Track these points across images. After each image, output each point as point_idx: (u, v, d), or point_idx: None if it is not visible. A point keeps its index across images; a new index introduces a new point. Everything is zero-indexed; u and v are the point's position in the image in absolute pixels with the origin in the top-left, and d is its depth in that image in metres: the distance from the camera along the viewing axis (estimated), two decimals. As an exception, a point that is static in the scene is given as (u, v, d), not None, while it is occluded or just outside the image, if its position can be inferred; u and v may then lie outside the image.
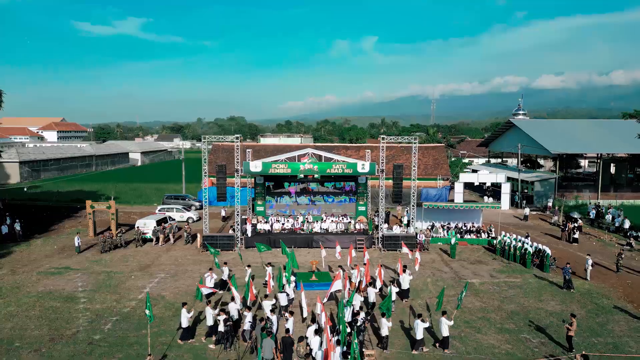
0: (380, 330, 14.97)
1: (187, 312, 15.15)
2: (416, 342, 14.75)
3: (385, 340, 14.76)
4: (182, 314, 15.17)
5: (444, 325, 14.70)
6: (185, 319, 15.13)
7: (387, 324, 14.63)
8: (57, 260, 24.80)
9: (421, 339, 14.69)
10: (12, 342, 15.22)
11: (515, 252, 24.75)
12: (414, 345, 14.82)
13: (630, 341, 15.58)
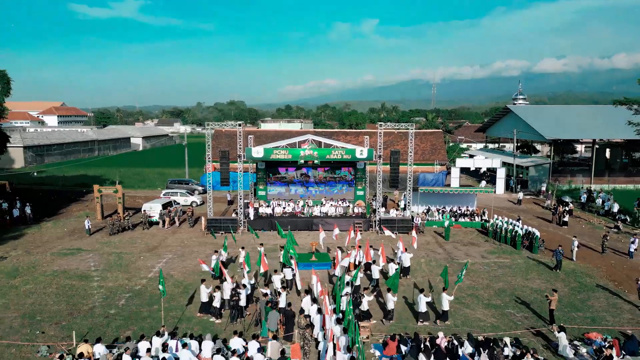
0: (386, 304, 16.23)
1: (205, 287, 16.40)
2: (419, 315, 15.98)
3: (391, 313, 16.00)
4: (202, 289, 16.39)
5: (444, 300, 15.89)
6: (205, 294, 16.34)
7: (393, 298, 15.86)
8: (68, 242, 25.96)
9: (424, 312, 15.91)
10: (33, 316, 16.42)
11: (506, 235, 25.88)
12: (418, 318, 16.05)
13: (607, 316, 16.78)
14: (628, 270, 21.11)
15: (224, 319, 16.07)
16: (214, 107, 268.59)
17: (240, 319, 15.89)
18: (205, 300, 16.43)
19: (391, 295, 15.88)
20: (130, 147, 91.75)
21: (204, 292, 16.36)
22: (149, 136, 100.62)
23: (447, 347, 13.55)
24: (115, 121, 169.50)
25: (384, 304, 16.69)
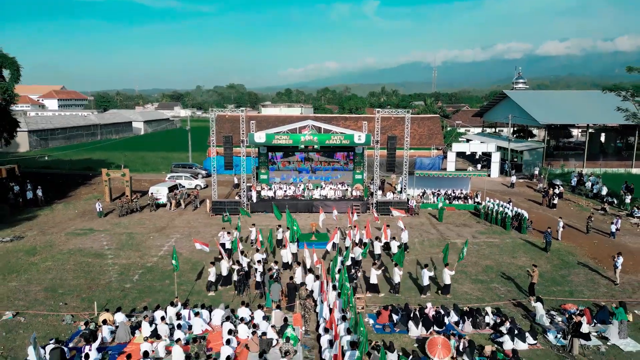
0: (392, 278, 17.68)
1: (225, 262, 17.89)
2: (423, 288, 17.41)
3: (397, 285, 17.44)
4: (222, 264, 17.86)
5: (446, 274, 17.27)
6: (225, 268, 17.71)
7: (399, 272, 17.32)
8: (80, 222, 27.29)
9: (427, 285, 17.32)
10: (55, 290, 17.82)
11: (496, 216, 27.19)
12: (421, 291, 17.47)
13: (585, 290, 18.18)
14: (609, 249, 22.41)
15: (220, 292, 17.51)
16: (213, 90, 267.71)
17: (247, 290, 17.28)
18: (226, 273, 17.79)
19: (397, 269, 17.36)
20: (132, 131, 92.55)
21: (223, 266, 17.75)
22: (151, 120, 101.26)
23: (435, 316, 14.94)
24: (115, 105, 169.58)
25: (390, 277, 18.13)
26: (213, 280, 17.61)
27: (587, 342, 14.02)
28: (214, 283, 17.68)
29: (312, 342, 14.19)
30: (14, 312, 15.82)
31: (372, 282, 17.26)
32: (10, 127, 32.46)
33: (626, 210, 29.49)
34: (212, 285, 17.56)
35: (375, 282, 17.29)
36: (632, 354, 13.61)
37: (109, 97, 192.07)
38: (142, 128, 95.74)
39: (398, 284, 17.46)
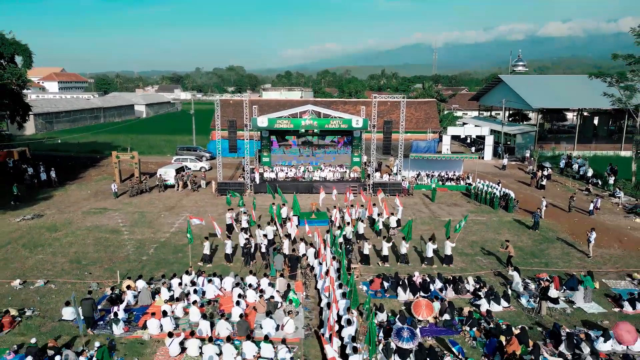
0: (400, 250, 19.56)
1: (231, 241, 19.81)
2: (426, 259, 19.32)
3: (403, 256, 19.30)
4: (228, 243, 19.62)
5: (447, 246, 19.19)
6: (229, 246, 19.54)
7: (406, 245, 19.28)
8: (94, 202, 29.03)
9: (430, 257, 19.23)
10: (79, 261, 19.65)
11: (485, 196, 28.90)
12: (423, 261, 19.46)
13: (559, 262, 20.00)
14: (587, 226, 24.12)
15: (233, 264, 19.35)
16: (213, 72, 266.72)
17: (253, 261, 19.12)
18: (229, 251, 19.58)
19: (405, 242, 19.28)
20: (134, 114, 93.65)
21: (228, 245, 19.52)
22: (152, 103, 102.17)
23: (421, 283, 16.77)
24: (115, 88, 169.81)
25: (398, 250, 20.07)
26: (208, 253, 19.37)
27: (554, 305, 15.88)
28: (209, 256, 19.43)
29: (312, 304, 16.03)
30: (45, 280, 17.66)
31: (383, 254, 19.29)
32: (24, 111, 33.83)
33: (609, 191, 31.18)
34: (206, 258, 19.33)
35: (386, 253, 19.27)
36: (594, 315, 15.45)
37: (109, 79, 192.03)
38: (144, 111, 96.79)
39: (406, 255, 19.41)
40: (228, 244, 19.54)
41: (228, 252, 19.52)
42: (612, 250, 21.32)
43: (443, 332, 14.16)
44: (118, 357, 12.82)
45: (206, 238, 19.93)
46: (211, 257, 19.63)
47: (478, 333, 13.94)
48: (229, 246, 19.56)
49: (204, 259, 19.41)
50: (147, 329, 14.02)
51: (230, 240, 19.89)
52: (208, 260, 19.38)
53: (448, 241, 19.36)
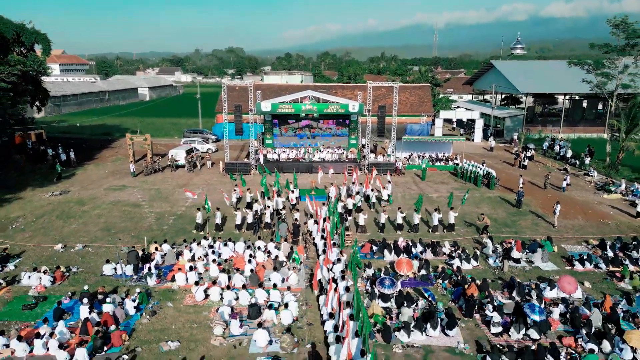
0: (412, 220, 22.59)
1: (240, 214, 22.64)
2: (432, 227, 22.23)
3: (415, 226, 22.31)
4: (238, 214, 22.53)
5: (451, 216, 22.16)
6: (239, 217, 22.40)
7: (417, 216, 22.37)
8: (113, 180, 31.81)
9: (436, 225, 22.16)
10: (109, 230, 22.55)
11: (470, 175, 31.67)
12: (429, 229, 22.44)
13: (527, 230, 22.89)
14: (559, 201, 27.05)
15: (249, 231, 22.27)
16: (212, 54, 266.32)
17: (260, 230, 22.02)
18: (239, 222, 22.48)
19: (416, 213, 22.33)
20: (137, 97, 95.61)
21: (238, 217, 22.38)
22: (155, 87, 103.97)
23: (404, 246, 19.67)
24: (116, 70, 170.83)
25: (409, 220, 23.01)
26: (200, 222, 22.22)
27: (516, 264, 18.82)
28: (202, 225, 22.26)
29: (311, 264, 18.96)
30: (83, 244, 20.58)
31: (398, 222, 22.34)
32: (43, 96, 36.28)
33: (584, 170, 33.93)
34: (199, 226, 22.18)
35: (400, 221, 22.27)
36: (548, 272, 18.38)
37: (109, 62, 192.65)
38: (147, 94, 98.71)
39: (417, 225, 22.40)
40: (238, 215, 22.40)
41: (237, 223, 22.38)
42: (576, 221, 24.21)
43: (420, 284, 17.11)
44: (154, 301, 15.78)
45: (198, 209, 22.75)
46: (204, 226, 22.40)
47: (449, 285, 16.89)
48: (238, 217, 22.42)
49: (196, 227, 22.19)
50: (175, 281, 16.97)
51: (239, 212, 22.73)
52: (200, 229, 22.17)
53: (452, 211, 22.51)
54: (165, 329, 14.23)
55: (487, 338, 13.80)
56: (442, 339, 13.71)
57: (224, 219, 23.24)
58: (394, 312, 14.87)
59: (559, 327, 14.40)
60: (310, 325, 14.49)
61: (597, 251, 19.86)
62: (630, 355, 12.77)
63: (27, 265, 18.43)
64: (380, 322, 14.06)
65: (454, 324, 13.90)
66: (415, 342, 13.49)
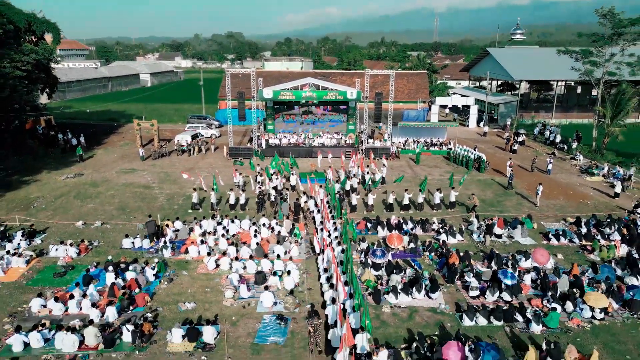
0: (416, 199, 24.45)
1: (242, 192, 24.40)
2: (434, 205, 24.18)
3: (419, 204, 24.15)
4: (231, 195, 24.18)
5: (452, 195, 24.19)
6: (243, 197, 24.15)
7: (422, 195, 24.21)
8: (122, 164, 33.49)
9: (438, 203, 24.01)
10: (124, 209, 24.34)
11: (462, 159, 33.34)
12: (433, 207, 24.29)
13: (512, 209, 24.67)
14: (542, 183, 28.76)
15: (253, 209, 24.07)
16: (212, 39, 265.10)
17: (263, 209, 23.81)
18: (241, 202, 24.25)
19: (420, 193, 24.14)
20: (139, 83, 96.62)
21: (242, 197, 24.15)
22: (156, 72, 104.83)
23: (396, 223, 21.46)
24: (116, 55, 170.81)
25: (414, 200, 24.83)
26: (196, 202, 24.02)
27: (497, 239, 20.65)
28: (197, 204, 24.04)
29: (311, 238, 20.77)
30: (101, 222, 22.39)
31: (404, 203, 24.14)
32: (53, 83, 37.71)
33: (571, 155, 35.59)
34: (195, 205, 23.96)
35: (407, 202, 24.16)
36: (526, 245, 20.16)
37: (109, 47, 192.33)
38: (149, 80, 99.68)
39: (422, 204, 24.29)
40: (231, 195, 24.12)
41: (231, 202, 24.10)
42: (558, 202, 25.98)
43: (409, 256, 18.96)
44: (170, 270, 17.65)
45: (194, 190, 24.70)
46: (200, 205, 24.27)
47: (435, 256, 18.74)
48: (232, 197, 24.19)
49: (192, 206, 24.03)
50: (188, 253, 18.82)
51: (232, 192, 24.46)
52: (197, 208, 24.01)
53: (452, 191, 24.40)
54: (182, 293, 16.11)
55: (465, 300, 15.68)
56: (425, 301, 15.59)
57: (237, 200, 24.84)
58: (384, 278, 16.72)
59: (530, 291, 16.27)
60: (310, 289, 16.38)
61: (572, 227, 21.64)
62: (589, 313, 14.66)
63: (52, 240, 20.25)
64: (371, 286, 15.92)
65: (436, 288, 15.77)
66: (402, 304, 15.37)
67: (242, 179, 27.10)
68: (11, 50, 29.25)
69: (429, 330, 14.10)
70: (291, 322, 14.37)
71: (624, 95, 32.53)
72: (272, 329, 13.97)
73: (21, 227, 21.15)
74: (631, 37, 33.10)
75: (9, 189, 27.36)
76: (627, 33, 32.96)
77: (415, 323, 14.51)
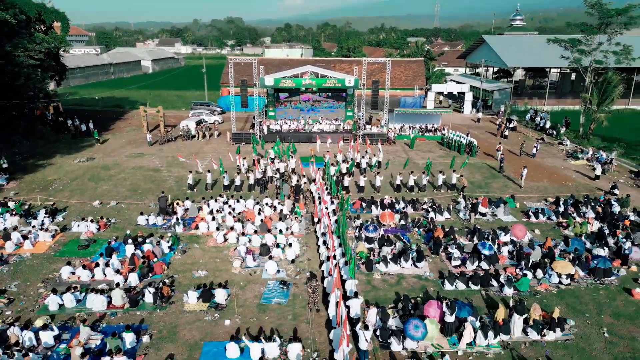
0: (420, 182, 26.09)
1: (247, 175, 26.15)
2: (436, 187, 25.92)
3: (423, 186, 25.83)
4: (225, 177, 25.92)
5: (453, 177, 25.84)
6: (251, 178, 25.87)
7: (426, 177, 26.09)
8: (131, 149, 35.15)
9: (440, 185, 25.75)
10: (136, 190, 26.11)
11: (454, 144, 34.98)
12: (435, 188, 26.01)
13: (498, 191, 26.41)
14: (529, 166, 30.45)
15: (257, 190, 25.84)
16: (211, 25, 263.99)
17: (266, 190, 25.59)
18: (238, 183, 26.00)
19: (424, 175, 25.98)
20: (141, 69, 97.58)
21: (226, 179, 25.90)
22: (157, 59, 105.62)
23: (389, 203, 23.24)
24: (116, 41, 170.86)
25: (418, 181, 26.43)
26: (192, 183, 25.77)
27: (482, 217, 22.46)
28: (193, 185, 25.81)
29: (309, 216, 22.58)
30: (116, 201, 24.18)
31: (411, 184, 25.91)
32: (62, 71, 39.13)
33: (559, 140, 37.22)
34: (190, 187, 25.70)
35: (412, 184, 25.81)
36: (508, 223, 21.96)
37: (109, 32, 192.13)
38: (150, 66, 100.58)
39: (425, 185, 26.01)
40: (226, 177, 25.84)
41: (225, 184, 25.82)
42: (541, 184, 27.74)
43: (399, 231, 20.78)
44: (183, 243, 19.50)
45: (190, 172, 26.37)
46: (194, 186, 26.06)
47: (423, 232, 20.56)
48: (226, 179, 25.92)
49: (188, 187, 25.80)
50: (198, 229, 20.64)
51: (227, 174, 26.11)
52: (192, 188, 25.80)
53: (454, 173, 26.13)
54: (195, 263, 17.99)
55: (447, 269, 17.55)
56: (412, 269, 17.46)
57: (242, 182, 26.62)
58: (376, 250, 18.57)
59: (507, 261, 18.14)
60: (309, 260, 18.24)
61: (552, 207, 23.44)
62: (556, 279, 16.54)
63: (73, 217, 22.07)
64: (364, 257, 17.78)
65: (422, 258, 17.63)
66: (391, 272, 17.24)
67: (245, 163, 28.80)
68: (24, 40, 30.63)
69: (414, 293, 15.99)
70: (292, 286, 16.25)
71: (610, 82, 34.00)
72: (276, 292, 15.86)
73: (43, 206, 22.94)
74: (618, 27, 34.39)
75: (26, 171, 29.11)
76: (614, 23, 34.26)
77: (402, 288, 16.40)
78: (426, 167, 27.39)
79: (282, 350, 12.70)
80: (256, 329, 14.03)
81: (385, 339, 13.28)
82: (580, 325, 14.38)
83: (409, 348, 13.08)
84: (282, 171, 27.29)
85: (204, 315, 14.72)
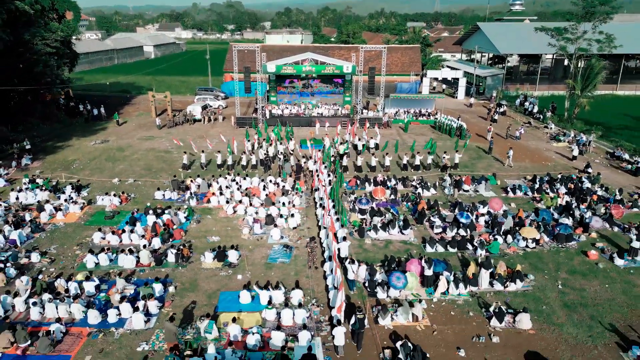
0: (424, 162, 28.54)
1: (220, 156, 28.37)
2: (442, 167, 28.19)
3: (428, 165, 28.34)
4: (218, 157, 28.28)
5: (456, 156, 28.17)
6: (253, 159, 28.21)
7: (431, 156, 28.58)
8: (141, 132, 37.41)
9: (444, 165, 28.04)
10: (150, 169, 28.48)
11: (446, 128, 37.22)
12: (441, 170, 28.27)
13: (482, 169, 28.73)
14: (514, 148, 32.75)
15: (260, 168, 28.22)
16: (211, 9, 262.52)
17: (269, 169, 27.98)
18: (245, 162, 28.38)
19: (429, 155, 28.60)
20: (143, 55, 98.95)
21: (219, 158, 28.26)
22: (159, 44, 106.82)
23: (382, 180, 25.64)
24: (116, 26, 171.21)
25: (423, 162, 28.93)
26: (187, 163, 28.02)
27: (465, 193, 24.89)
28: (188, 165, 28.03)
29: (308, 193, 24.99)
30: (133, 179, 26.59)
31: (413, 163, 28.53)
32: (74, 57, 41.12)
33: (545, 124, 39.43)
34: (185, 167, 27.95)
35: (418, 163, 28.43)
36: (488, 197, 24.40)
37: (109, 17, 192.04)
38: (152, 52, 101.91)
39: (429, 165, 28.42)
40: (218, 157, 28.24)
41: (218, 163, 28.24)
42: (523, 164, 30.08)
43: (389, 204, 23.23)
44: (197, 215, 21.97)
45: (185, 152, 28.65)
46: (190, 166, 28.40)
47: (411, 205, 23.01)
48: (219, 158, 28.30)
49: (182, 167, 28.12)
50: (210, 202, 23.09)
51: (219, 154, 28.43)
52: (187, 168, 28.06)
53: (457, 153, 28.33)
54: (208, 230, 20.49)
55: (430, 235, 20.05)
56: (399, 236, 19.95)
57: (248, 162, 28.98)
58: (368, 220, 21.03)
59: (482, 229, 20.63)
60: (309, 228, 20.73)
61: (529, 183, 25.84)
62: (523, 243, 19.05)
63: (97, 192, 24.49)
64: (357, 225, 20.26)
65: (408, 226, 20.10)
66: (380, 238, 19.74)
67: (250, 145, 31.13)
68: (41, 29, 32.62)
69: (399, 255, 18.50)
70: (294, 249, 18.76)
71: (593, 69, 36.04)
72: (280, 254, 18.38)
73: (69, 182, 25.35)
74: (601, 16, 36.25)
75: (47, 153, 31.46)
76: (598, 13, 36.12)
77: (390, 250, 18.92)
78: (432, 149, 29.72)
79: (286, 297, 15.24)
80: (264, 281, 16.58)
81: (372, 289, 15.83)
82: (538, 279, 16.92)
83: (392, 296, 15.63)
84: (282, 152, 29.62)
85: (219, 271, 17.25)
